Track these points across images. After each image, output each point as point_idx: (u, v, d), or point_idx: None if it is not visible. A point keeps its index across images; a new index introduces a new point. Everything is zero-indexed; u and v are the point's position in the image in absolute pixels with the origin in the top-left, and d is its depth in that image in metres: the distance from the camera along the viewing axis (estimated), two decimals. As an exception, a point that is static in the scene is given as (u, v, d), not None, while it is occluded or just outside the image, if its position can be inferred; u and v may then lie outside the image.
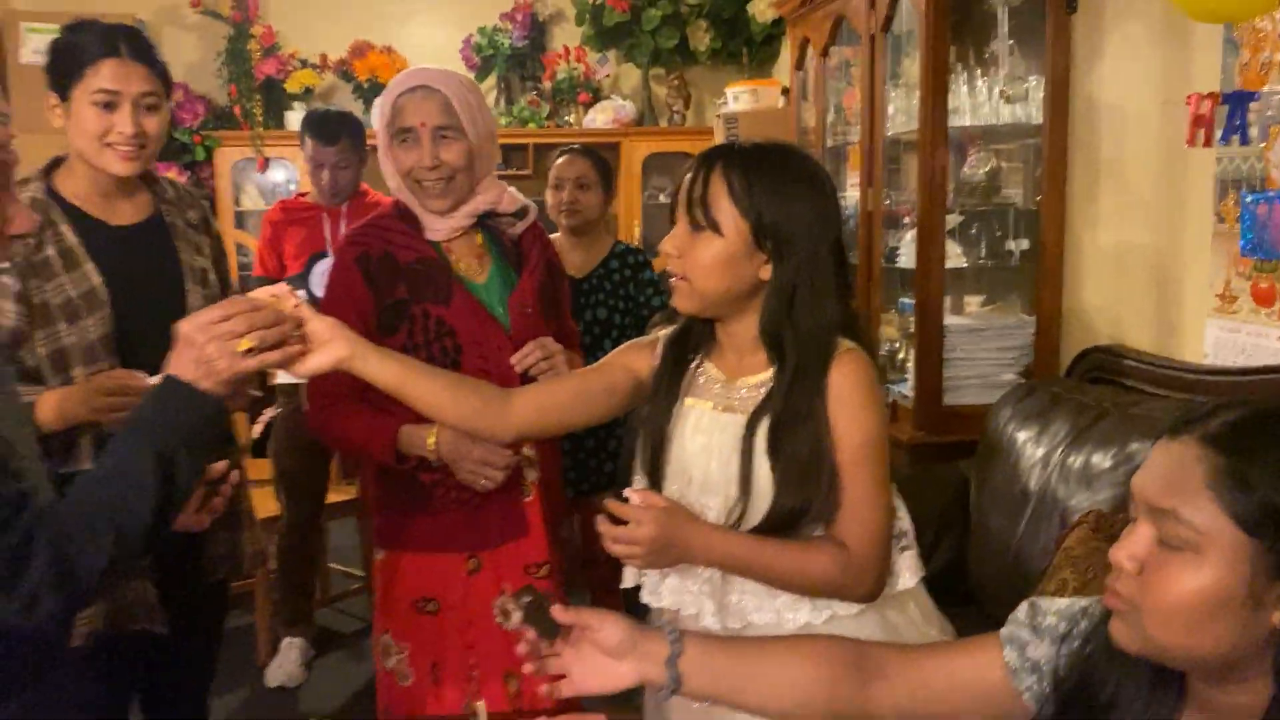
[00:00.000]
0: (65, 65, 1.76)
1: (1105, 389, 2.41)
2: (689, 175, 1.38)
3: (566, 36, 5.23)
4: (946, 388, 2.85)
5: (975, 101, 2.83)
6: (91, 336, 1.70)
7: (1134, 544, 0.89)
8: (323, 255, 3.12)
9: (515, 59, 5.16)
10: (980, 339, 2.88)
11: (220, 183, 4.93)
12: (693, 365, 1.47)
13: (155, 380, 1.63)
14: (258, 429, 1.41)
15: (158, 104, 1.79)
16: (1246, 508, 0.82)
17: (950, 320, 2.88)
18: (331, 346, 1.34)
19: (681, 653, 1.10)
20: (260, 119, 4.93)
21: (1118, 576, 0.90)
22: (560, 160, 3.02)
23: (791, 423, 1.34)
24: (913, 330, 2.93)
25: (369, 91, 5.02)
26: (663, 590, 1.44)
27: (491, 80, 5.18)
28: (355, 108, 5.05)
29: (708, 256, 1.36)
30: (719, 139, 4.66)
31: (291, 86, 4.96)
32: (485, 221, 1.97)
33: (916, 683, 1.08)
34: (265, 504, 3.40)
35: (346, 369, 1.37)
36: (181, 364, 1.24)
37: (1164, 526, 0.86)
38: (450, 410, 1.46)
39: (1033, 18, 2.76)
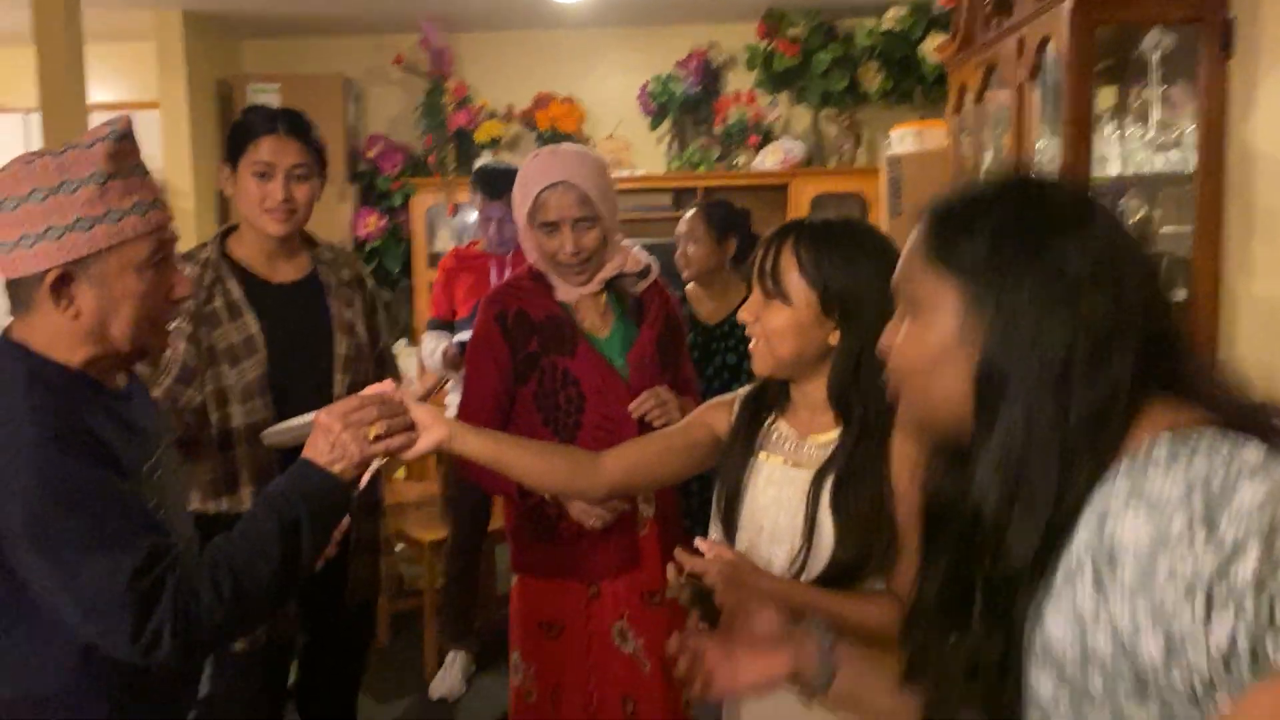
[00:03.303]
0: (235, 141, 2.05)
1: (1252, 448, 2.32)
2: (762, 249, 1.49)
3: (739, 81, 5.38)
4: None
5: (1126, 149, 2.78)
6: (249, 377, 1.97)
7: None
8: (489, 299, 3.38)
9: (688, 104, 5.34)
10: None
11: (415, 226, 5.35)
12: (768, 422, 1.57)
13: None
14: (365, 479, 1.60)
15: (308, 175, 2.05)
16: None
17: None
18: (433, 431, 1.50)
19: (833, 644, 1.11)
20: (452, 167, 5.32)
21: None
22: (682, 219, 3.26)
23: (854, 480, 1.42)
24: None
25: (550, 139, 5.33)
26: (733, 633, 1.54)
27: (666, 125, 5.38)
28: (538, 155, 5.39)
29: (778, 323, 1.46)
30: (884, 180, 4.69)
31: (480, 137, 5.33)
32: (610, 282, 2.13)
33: None
34: (433, 529, 3.69)
35: (446, 449, 1.53)
36: (317, 448, 1.41)
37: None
38: (543, 477, 1.62)
39: (1186, 63, 2.70)
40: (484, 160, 5.24)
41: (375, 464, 1.50)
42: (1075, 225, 0.88)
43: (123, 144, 1.33)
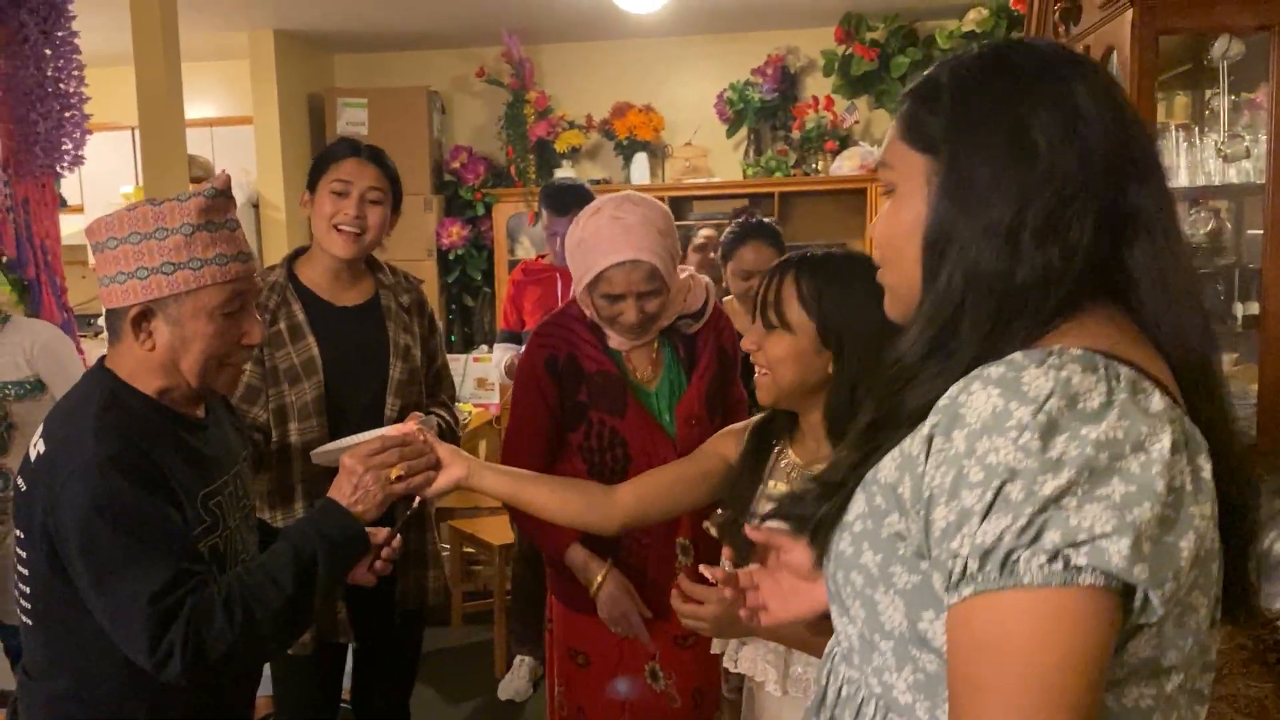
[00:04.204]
0: (319, 165, 2.16)
1: (1317, 472, 2.24)
2: (764, 281, 1.51)
3: (817, 86, 5.35)
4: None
5: (1194, 160, 2.69)
6: (307, 397, 2.06)
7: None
8: (553, 311, 3.45)
9: (766, 110, 5.34)
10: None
11: (497, 235, 5.48)
12: (775, 450, 1.59)
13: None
14: (416, 502, 1.71)
15: (381, 200, 2.13)
16: None
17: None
18: (452, 469, 1.58)
19: None
20: (533, 177, 5.42)
21: None
22: (744, 249, 3.03)
23: (855, 511, 1.43)
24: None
25: (628, 148, 5.39)
26: (740, 658, 1.57)
27: (742, 133, 5.39)
28: (616, 163, 5.46)
29: (779, 352, 1.49)
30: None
31: (560, 146, 5.42)
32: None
33: None
34: (504, 534, 3.79)
35: (465, 486, 1.59)
36: (341, 489, 1.53)
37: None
38: (559, 512, 1.65)
39: (1260, 71, 2.60)
40: (562, 171, 5.34)
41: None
42: (1043, 85, 0.83)
43: (216, 200, 1.44)
